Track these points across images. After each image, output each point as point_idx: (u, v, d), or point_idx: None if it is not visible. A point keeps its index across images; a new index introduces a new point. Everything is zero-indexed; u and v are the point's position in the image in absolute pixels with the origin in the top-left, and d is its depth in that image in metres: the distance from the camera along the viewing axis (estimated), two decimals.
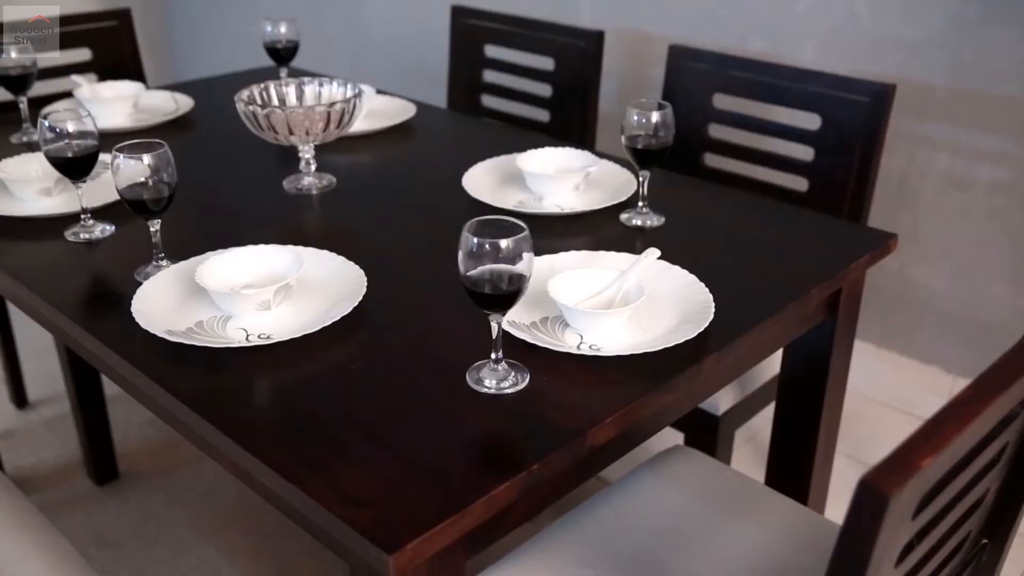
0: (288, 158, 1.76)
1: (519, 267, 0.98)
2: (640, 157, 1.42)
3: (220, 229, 1.46)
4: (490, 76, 2.35)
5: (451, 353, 1.11)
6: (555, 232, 1.44)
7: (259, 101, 1.57)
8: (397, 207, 1.57)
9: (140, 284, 1.24)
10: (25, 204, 1.50)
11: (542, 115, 2.25)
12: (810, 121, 1.79)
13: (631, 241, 1.42)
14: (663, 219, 1.46)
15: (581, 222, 1.48)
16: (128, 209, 1.27)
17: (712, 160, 1.95)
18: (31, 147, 1.80)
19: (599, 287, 1.18)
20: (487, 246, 0.97)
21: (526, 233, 0.98)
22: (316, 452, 0.94)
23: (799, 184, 1.83)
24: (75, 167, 1.36)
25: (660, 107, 1.39)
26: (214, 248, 1.32)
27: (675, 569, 1.16)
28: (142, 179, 1.23)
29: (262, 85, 1.60)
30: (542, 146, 1.64)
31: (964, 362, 2.24)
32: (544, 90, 2.24)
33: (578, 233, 1.44)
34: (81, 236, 1.40)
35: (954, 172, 2.12)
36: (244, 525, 2.05)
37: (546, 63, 2.21)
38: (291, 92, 1.62)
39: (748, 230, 1.46)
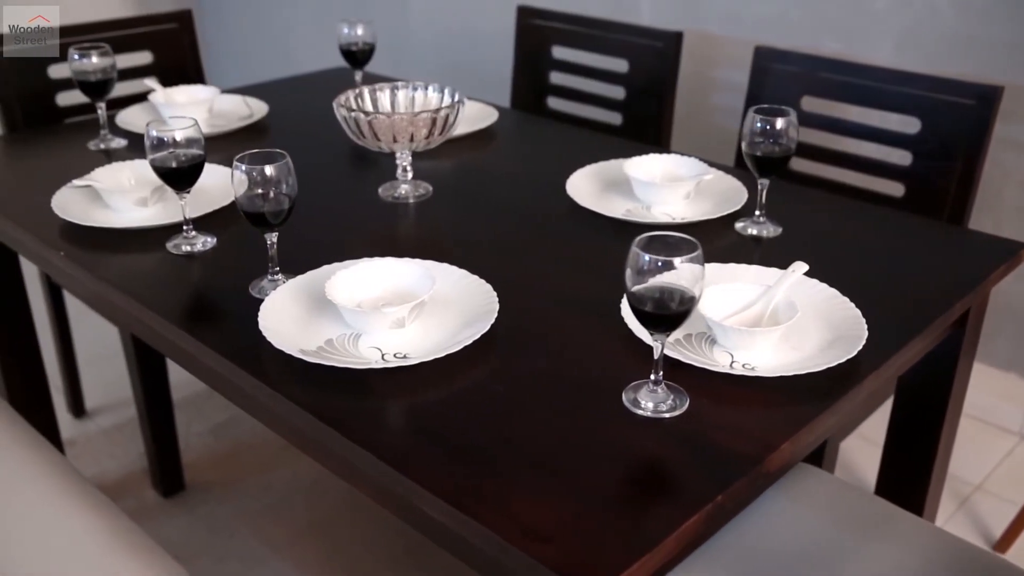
0: (369, 163, 1.71)
1: (690, 287, 0.93)
2: (760, 164, 1.37)
3: (323, 240, 1.41)
4: (556, 78, 2.30)
5: (596, 372, 1.07)
6: None
7: (355, 107, 1.53)
8: (500, 215, 1.52)
9: (257, 299, 1.20)
10: (121, 215, 1.45)
11: (613, 118, 2.20)
12: (902, 124, 1.74)
13: (748, 252, 1.37)
14: (780, 229, 1.42)
15: (693, 232, 1.41)
16: (245, 220, 1.21)
17: (796, 164, 1.91)
18: (108, 154, 1.76)
19: (745, 302, 1.13)
20: (659, 263, 0.92)
21: (699, 251, 0.93)
22: (482, 480, 0.90)
23: (890, 188, 1.78)
24: (180, 177, 1.31)
25: (783, 113, 1.34)
26: (322, 260, 1.27)
27: None
28: (261, 191, 1.19)
29: (356, 91, 1.55)
30: (638, 153, 1.60)
31: None
32: (615, 92, 2.19)
33: None
34: (183, 248, 1.36)
35: None
36: (316, 537, 2.00)
37: (619, 65, 2.16)
38: (384, 97, 1.58)
39: (870, 239, 1.41)
